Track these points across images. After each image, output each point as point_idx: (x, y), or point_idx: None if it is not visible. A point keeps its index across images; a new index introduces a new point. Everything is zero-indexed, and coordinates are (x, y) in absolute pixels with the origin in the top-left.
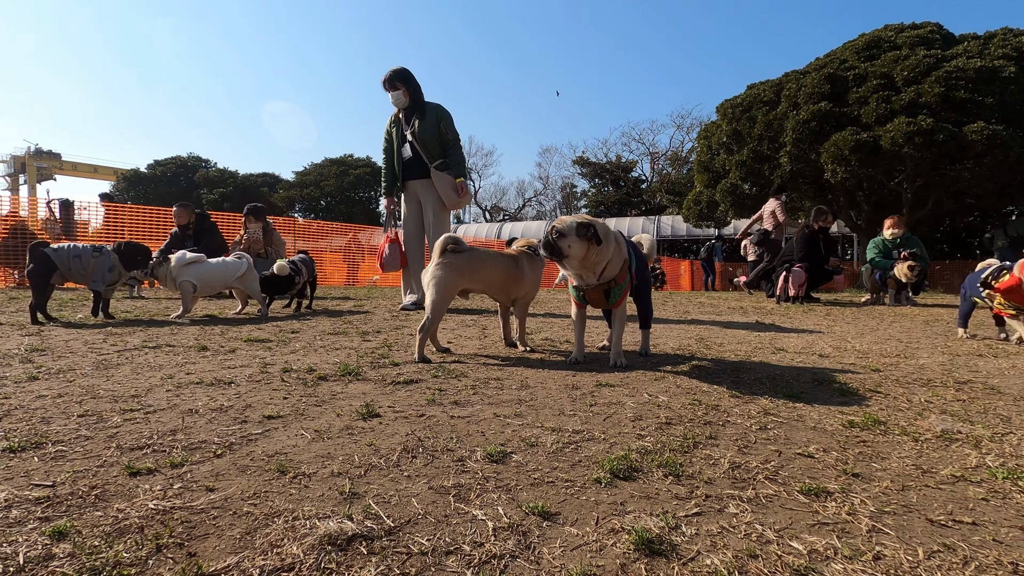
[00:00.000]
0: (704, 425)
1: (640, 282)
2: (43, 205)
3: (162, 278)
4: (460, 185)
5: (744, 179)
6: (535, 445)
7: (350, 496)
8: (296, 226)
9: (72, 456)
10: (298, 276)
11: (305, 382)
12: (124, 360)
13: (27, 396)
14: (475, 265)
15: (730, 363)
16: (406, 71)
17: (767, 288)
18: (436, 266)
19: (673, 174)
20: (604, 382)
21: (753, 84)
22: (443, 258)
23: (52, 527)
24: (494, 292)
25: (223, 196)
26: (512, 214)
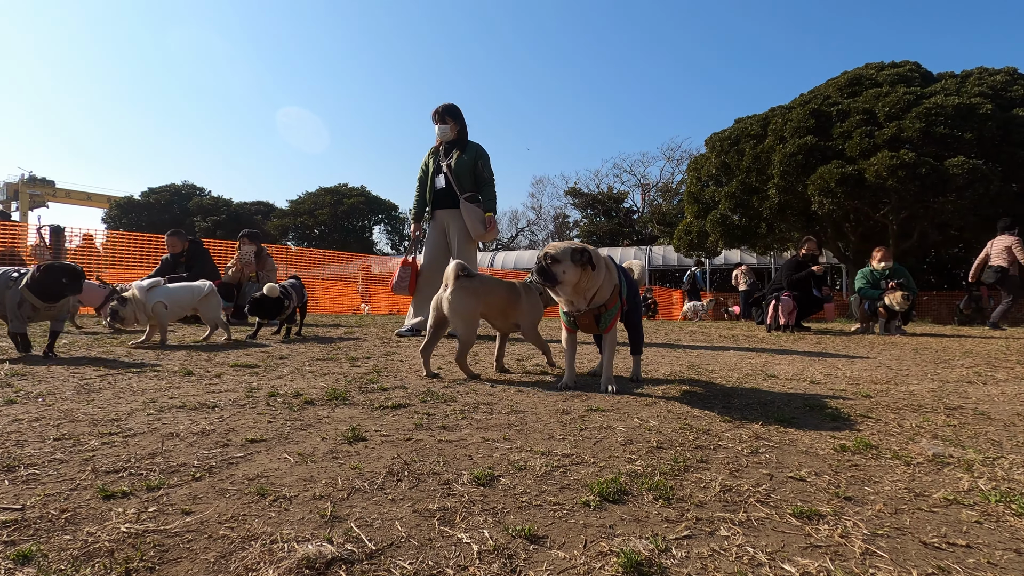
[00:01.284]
0: (695, 449)
1: (631, 308)
2: (34, 231)
3: (130, 315)
4: (489, 219)
5: (734, 210)
6: (523, 469)
7: (331, 519)
8: (289, 254)
9: (44, 479)
10: (288, 300)
11: (291, 406)
12: (107, 384)
13: (2, 420)
14: (485, 289)
15: (721, 389)
16: (457, 107)
17: (757, 316)
18: (456, 292)
19: (664, 205)
20: (595, 407)
21: (740, 118)
22: (459, 283)
23: (17, 551)
24: (494, 317)
25: (216, 224)
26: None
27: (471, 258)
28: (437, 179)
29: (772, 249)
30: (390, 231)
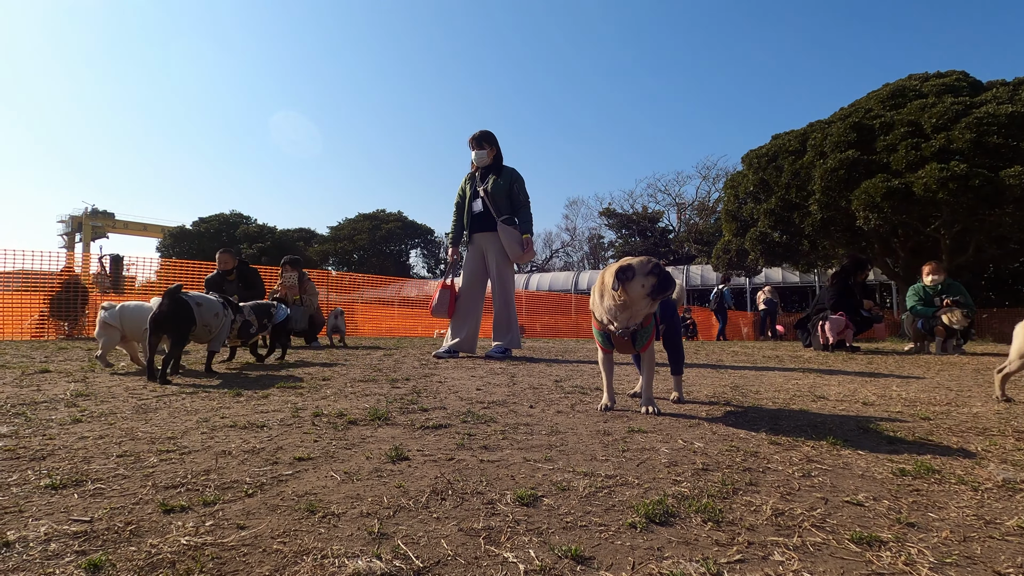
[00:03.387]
0: (743, 471)
1: (669, 327)
2: (95, 260)
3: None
4: (526, 241)
5: (773, 227)
6: (567, 489)
7: (379, 536)
8: (329, 279)
9: (110, 493)
10: (252, 328)
11: (335, 426)
12: (162, 404)
13: (70, 437)
14: None
15: (768, 411)
16: (492, 134)
17: (803, 337)
18: None
19: (701, 224)
20: (636, 428)
21: (778, 134)
22: None
23: (88, 560)
24: None
25: (261, 250)
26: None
27: (510, 279)
28: (474, 203)
29: (816, 266)
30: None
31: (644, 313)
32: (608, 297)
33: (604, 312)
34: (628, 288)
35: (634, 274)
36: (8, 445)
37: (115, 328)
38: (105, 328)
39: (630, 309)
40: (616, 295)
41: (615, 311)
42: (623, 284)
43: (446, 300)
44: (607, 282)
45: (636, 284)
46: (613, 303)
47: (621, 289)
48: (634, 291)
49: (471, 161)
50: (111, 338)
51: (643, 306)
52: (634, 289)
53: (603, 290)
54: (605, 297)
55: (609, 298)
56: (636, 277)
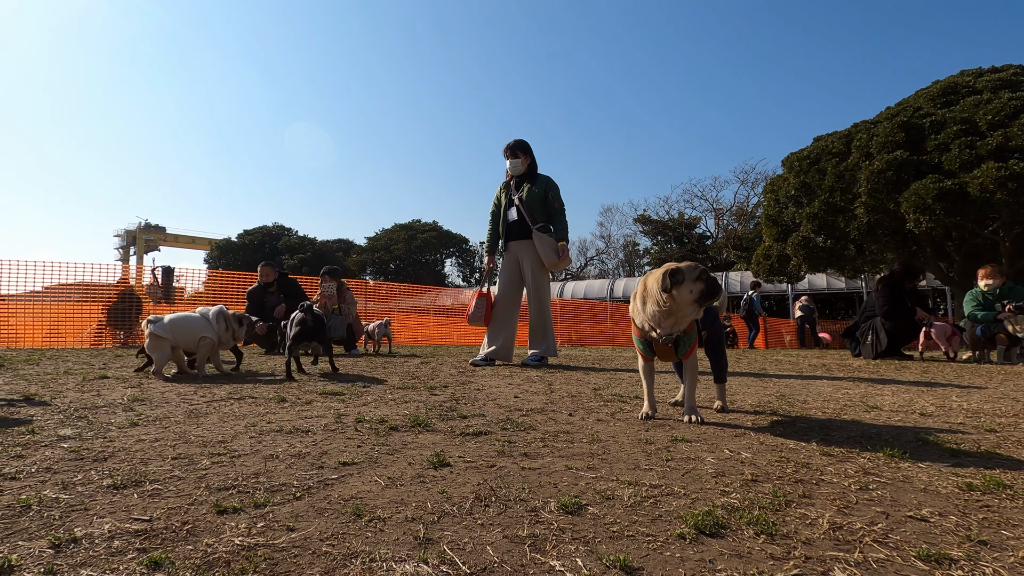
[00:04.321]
0: (795, 483)
1: (712, 333)
2: (148, 272)
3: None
4: (561, 248)
5: (817, 232)
6: (611, 498)
7: (425, 541)
8: (367, 288)
9: (166, 494)
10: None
11: (377, 432)
12: (212, 410)
13: (128, 440)
14: None
15: (817, 421)
16: (527, 143)
17: (851, 346)
18: None
19: (739, 229)
20: (679, 437)
21: (820, 136)
22: None
23: (148, 558)
24: None
25: (302, 261)
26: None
27: (546, 287)
28: (509, 212)
29: (863, 272)
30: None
31: (689, 319)
32: (652, 303)
33: (647, 318)
34: (676, 293)
35: (683, 279)
36: (73, 447)
37: (166, 339)
38: (157, 341)
39: (675, 315)
40: (662, 300)
41: (659, 317)
42: (671, 289)
43: (483, 308)
44: (651, 288)
45: (684, 289)
46: (658, 308)
47: (668, 294)
48: (682, 296)
49: (506, 170)
50: (163, 351)
51: (689, 312)
52: (682, 294)
53: (646, 296)
54: (649, 303)
55: (653, 304)
56: (685, 282)
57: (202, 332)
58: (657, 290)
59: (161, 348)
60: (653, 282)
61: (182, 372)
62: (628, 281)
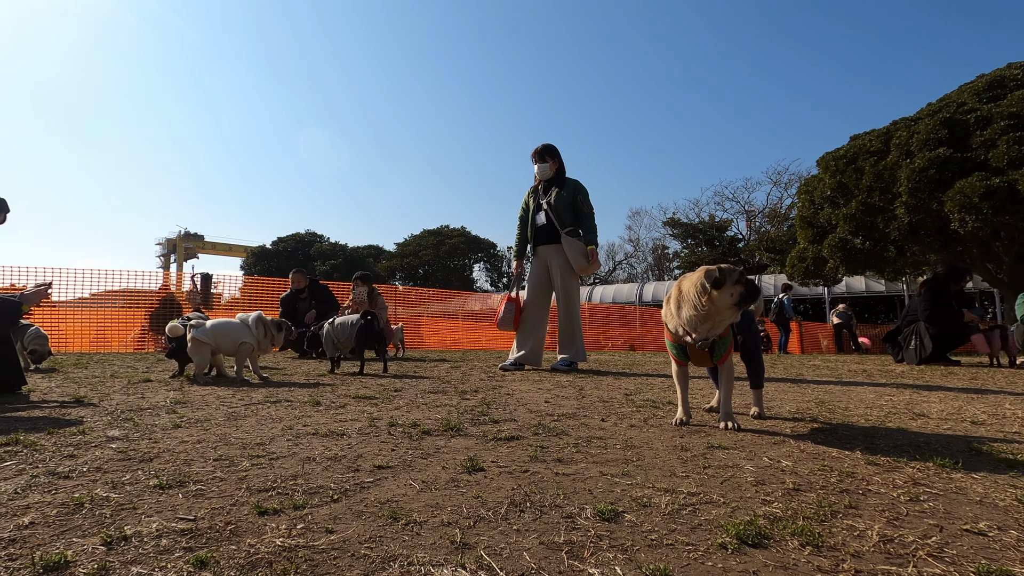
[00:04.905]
0: (840, 493)
1: (747, 338)
2: (188, 279)
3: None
4: (591, 252)
5: (854, 233)
6: (648, 506)
7: (461, 546)
8: (397, 293)
9: (209, 495)
10: None
11: (410, 436)
12: (250, 412)
13: (172, 441)
14: None
15: (861, 428)
16: (554, 147)
17: (893, 351)
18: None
19: (773, 231)
20: (716, 444)
21: (857, 135)
22: None
23: (195, 557)
24: None
25: (333, 267)
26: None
27: (575, 291)
28: (538, 216)
29: (904, 274)
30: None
31: (726, 323)
32: (689, 306)
33: (683, 322)
34: (716, 296)
35: (723, 281)
36: (121, 447)
37: (208, 344)
38: (198, 346)
39: (712, 319)
40: (700, 303)
41: (696, 321)
42: (711, 292)
43: (512, 313)
44: (687, 291)
45: (724, 292)
46: (695, 312)
47: (707, 297)
48: (722, 299)
49: (534, 174)
50: (204, 356)
51: (727, 316)
52: (722, 297)
53: (681, 299)
54: (685, 306)
55: (690, 307)
56: (725, 285)
57: (242, 338)
58: (695, 293)
59: (202, 352)
60: (689, 285)
61: (220, 375)
62: (657, 285)
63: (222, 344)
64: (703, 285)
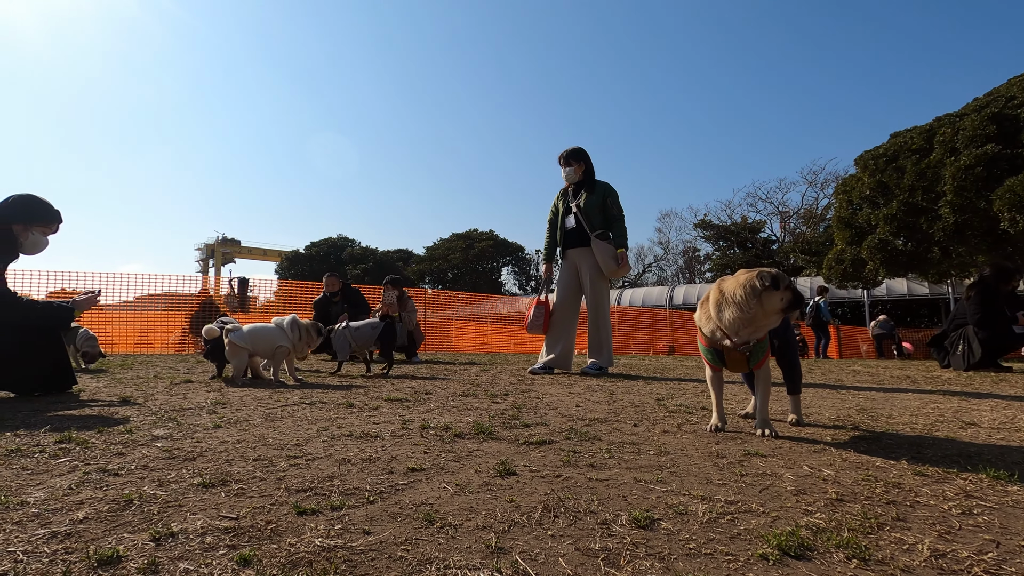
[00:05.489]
0: (886, 505)
1: (783, 342)
2: (225, 283)
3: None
4: (621, 255)
5: (896, 234)
6: (684, 513)
7: (496, 550)
8: (426, 296)
9: (250, 494)
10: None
11: (443, 439)
12: (286, 414)
13: (213, 441)
14: None
15: (906, 437)
16: (582, 150)
17: (939, 356)
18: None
19: (808, 233)
20: (753, 451)
21: (897, 132)
22: None
23: (238, 554)
24: None
25: (364, 271)
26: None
27: (605, 295)
28: (567, 219)
29: (949, 276)
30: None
31: (768, 328)
32: (734, 308)
33: (724, 325)
34: (765, 300)
35: (775, 286)
36: (165, 446)
37: (245, 348)
38: (235, 349)
39: (756, 323)
40: (748, 306)
41: (739, 324)
42: (761, 295)
43: (541, 316)
44: (733, 293)
45: (775, 296)
46: (741, 315)
47: (756, 300)
48: (771, 304)
49: (563, 177)
50: (242, 359)
51: (772, 321)
52: (772, 301)
53: (721, 302)
54: (729, 309)
55: (735, 309)
56: (776, 289)
57: (278, 341)
58: (743, 295)
59: (240, 356)
60: (734, 287)
61: (257, 377)
62: (688, 288)
63: (258, 347)
64: (753, 287)
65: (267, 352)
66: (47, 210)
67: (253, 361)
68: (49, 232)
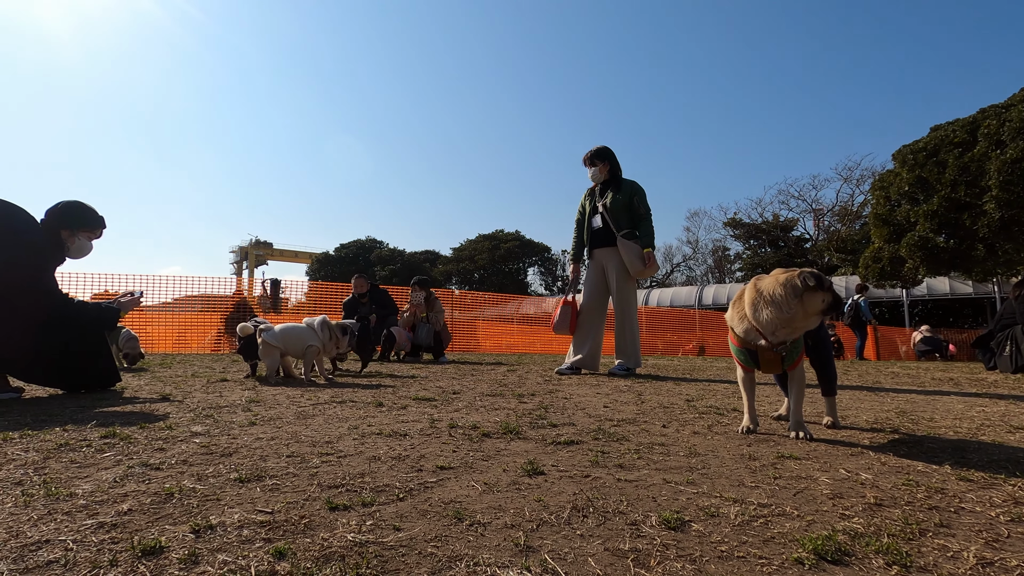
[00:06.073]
0: (929, 510)
1: (817, 341)
2: (259, 284)
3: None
4: (647, 255)
5: (937, 231)
6: (716, 516)
7: (525, 548)
8: (453, 297)
9: (284, 489)
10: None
11: (470, 438)
12: (318, 412)
13: (248, 438)
14: None
15: (949, 441)
16: (606, 150)
17: (984, 358)
18: None
19: (843, 231)
20: (786, 454)
21: (938, 125)
22: None
23: (274, 548)
24: None
25: (392, 272)
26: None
27: (631, 295)
28: (594, 219)
29: (995, 274)
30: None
31: (805, 329)
32: (773, 308)
33: (759, 325)
34: (807, 301)
35: (817, 287)
36: (203, 442)
37: (277, 348)
38: (268, 349)
39: (793, 324)
40: (788, 306)
41: (777, 324)
42: (803, 296)
43: (568, 317)
44: (769, 292)
45: (817, 297)
46: (780, 315)
47: (798, 301)
48: (813, 304)
49: (589, 177)
50: (274, 358)
51: (811, 322)
52: (814, 302)
53: (758, 301)
54: (767, 309)
55: (775, 309)
56: (818, 290)
57: (309, 341)
58: (782, 295)
59: (272, 355)
60: (773, 286)
61: (288, 376)
62: (718, 288)
63: (290, 347)
64: (795, 287)
65: (298, 351)
66: (92, 216)
67: (285, 360)
68: (94, 237)
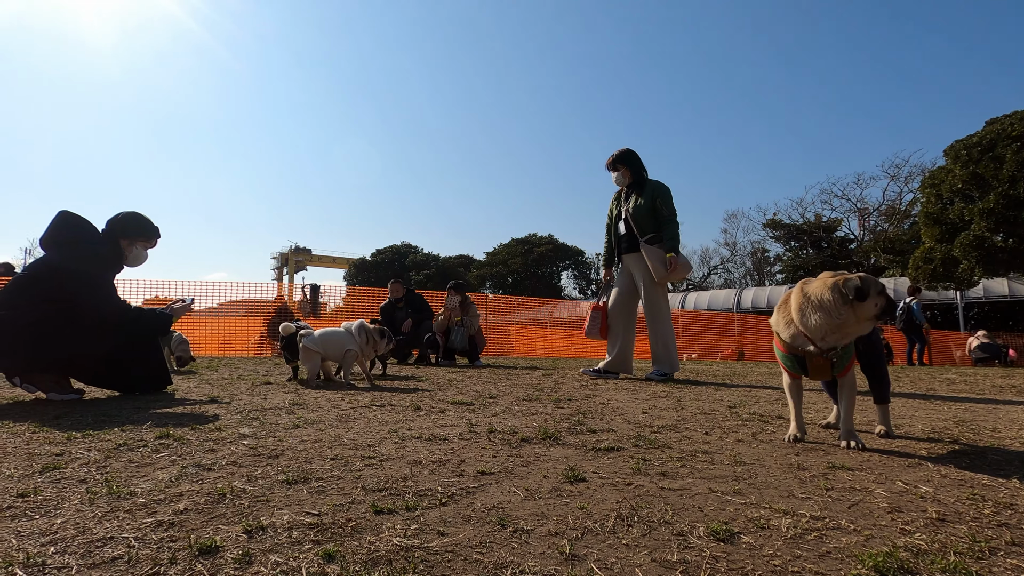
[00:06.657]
0: (998, 527)
1: (868, 347)
2: (299, 289)
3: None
4: (671, 259)
5: (994, 230)
6: (766, 528)
7: (571, 557)
8: (487, 301)
9: (330, 492)
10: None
11: (509, 443)
12: (359, 415)
13: (293, 440)
14: None
15: (1016, 453)
16: (629, 153)
17: None
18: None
19: (891, 231)
20: (838, 464)
21: (993, 119)
22: None
23: (322, 550)
24: None
25: (427, 277)
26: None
27: (660, 300)
28: (619, 225)
29: None
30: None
31: (857, 335)
32: (823, 313)
33: (809, 331)
34: (859, 305)
35: (870, 292)
36: (251, 444)
37: (317, 352)
38: (308, 353)
39: (844, 329)
40: (839, 311)
41: (827, 329)
42: (856, 301)
43: (598, 321)
44: (818, 296)
45: (869, 302)
46: (828, 320)
47: (848, 306)
48: (865, 310)
49: (614, 181)
50: (315, 362)
51: (863, 328)
52: (866, 308)
53: (805, 306)
54: (816, 313)
55: (824, 314)
56: (871, 296)
57: (347, 345)
58: (832, 299)
59: (312, 360)
60: (822, 290)
61: (328, 380)
62: (757, 291)
63: (330, 351)
64: (845, 293)
65: (337, 355)
66: (148, 226)
67: (325, 364)
68: (149, 246)
